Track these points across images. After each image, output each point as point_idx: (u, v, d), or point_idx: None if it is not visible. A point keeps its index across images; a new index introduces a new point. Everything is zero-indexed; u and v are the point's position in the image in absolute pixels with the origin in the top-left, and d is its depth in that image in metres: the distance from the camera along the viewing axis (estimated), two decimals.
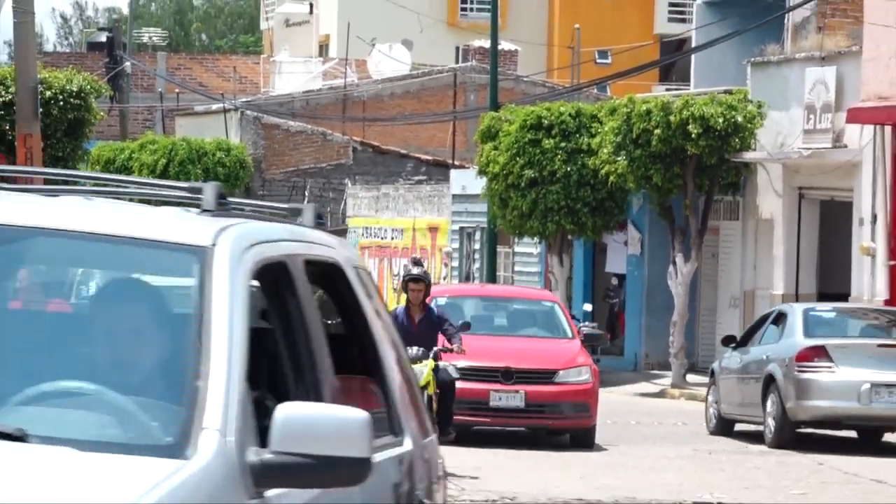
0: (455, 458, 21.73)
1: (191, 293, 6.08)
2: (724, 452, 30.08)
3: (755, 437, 32.71)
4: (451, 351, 20.83)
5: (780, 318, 34.70)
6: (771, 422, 32.16)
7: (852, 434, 34.24)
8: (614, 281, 52.40)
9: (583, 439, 25.25)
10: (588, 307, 41.20)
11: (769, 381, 32.16)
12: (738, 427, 34.08)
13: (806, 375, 31.31)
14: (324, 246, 8.55)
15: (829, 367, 31.83)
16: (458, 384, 24.16)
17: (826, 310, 37.27)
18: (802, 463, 31.53)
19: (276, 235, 7.65)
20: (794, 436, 31.79)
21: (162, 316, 6.50)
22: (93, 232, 6.72)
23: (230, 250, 6.67)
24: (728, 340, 36.46)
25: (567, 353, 26.47)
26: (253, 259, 6.81)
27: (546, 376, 25.49)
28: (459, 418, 24.47)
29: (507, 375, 25.14)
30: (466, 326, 21.40)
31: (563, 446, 25.69)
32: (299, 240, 8.04)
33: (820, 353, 32.76)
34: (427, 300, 21.18)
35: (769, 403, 32.32)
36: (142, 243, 6.64)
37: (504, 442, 24.72)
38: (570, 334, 27.67)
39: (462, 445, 23.64)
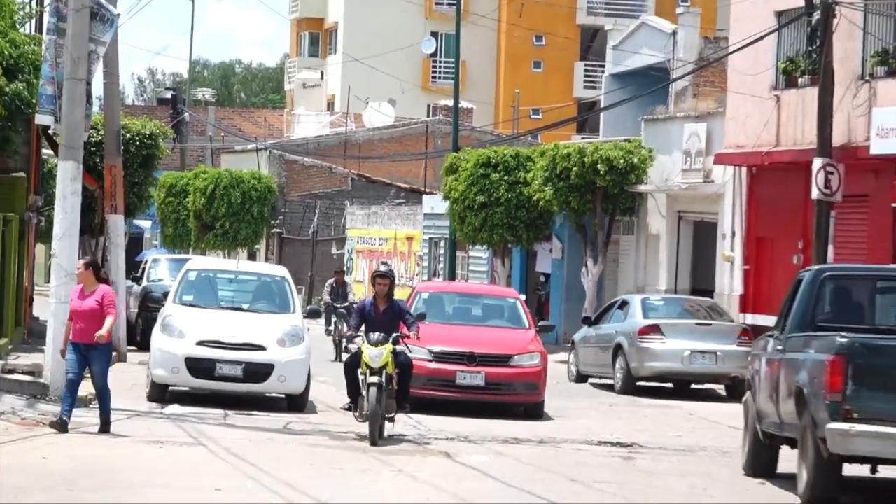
0: (429, 422, 25.34)
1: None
2: (620, 405, 33.36)
3: (606, 388, 38.58)
4: (409, 337, 21.55)
5: (624, 305, 41.10)
6: (619, 376, 38.45)
7: (670, 385, 40.07)
8: (542, 278, 59.75)
9: (533, 412, 27.05)
10: (522, 297, 45.84)
11: (618, 348, 38.24)
12: (592, 381, 40.09)
13: (645, 345, 37.41)
14: None
15: (661, 339, 38.04)
16: (432, 365, 26.53)
17: (657, 299, 43.93)
18: (677, 413, 34.66)
19: None
20: (634, 387, 37.69)
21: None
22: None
23: None
24: (586, 320, 42.69)
25: (522, 341, 27.75)
26: None
27: (503, 360, 26.78)
28: (433, 393, 26.49)
29: (471, 359, 26.45)
30: (422, 317, 22.59)
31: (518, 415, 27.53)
32: None
33: (655, 329, 38.79)
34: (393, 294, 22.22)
35: (617, 364, 38.51)
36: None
37: (469, 412, 26.87)
38: (527, 325, 29.08)
39: (435, 414, 25.94)
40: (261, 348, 28.77)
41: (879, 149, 37.03)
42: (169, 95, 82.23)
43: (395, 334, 20.75)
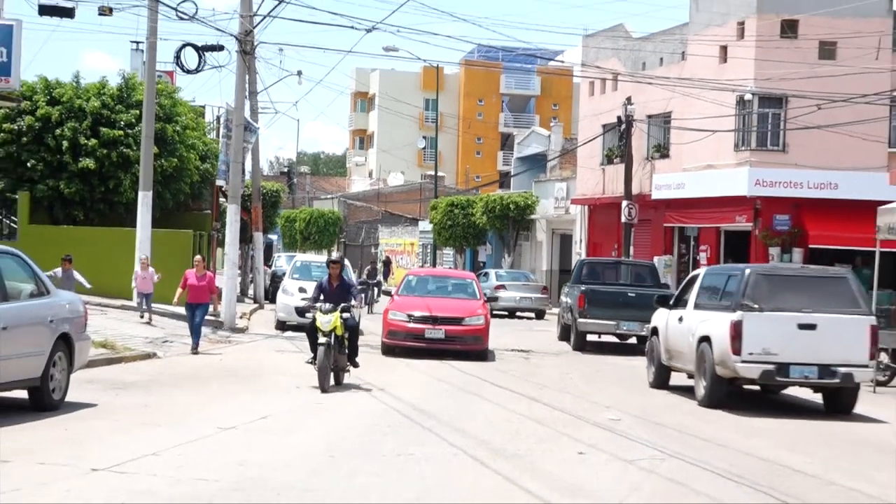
0: (409, 364, 24.13)
1: None
2: (543, 356, 29.15)
3: (498, 317, 39.86)
4: (353, 306, 19.33)
5: (487, 274, 49.01)
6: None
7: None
8: (481, 264, 65.94)
9: (479, 356, 25.93)
10: (476, 278, 40.11)
11: (492, 298, 40.40)
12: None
13: (496, 293, 44.46)
14: None
15: (505, 290, 46.71)
16: (409, 325, 26.06)
17: (504, 272, 52.24)
18: (535, 331, 38.98)
19: None
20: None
21: None
22: None
23: None
24: (496, 290, 47.00)
25: (473, 307, 26.96)
26: None
27: (457, 321, 26.01)
28: (410, 344, 26.02)
29: (434, 320, 25.75)
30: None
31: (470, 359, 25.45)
32: None
33: (502, 287, 47.39)
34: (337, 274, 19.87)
35: (491, 304, 35.91)
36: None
37: (434, 355, 25.17)
38: (478, 297, 28.24)
39: (411, 358, 24.87)
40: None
41: (656, 195, 44.71)
42: (286, 170, 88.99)
43: (343, 304, 19.07)
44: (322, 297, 19.41)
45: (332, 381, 18.96)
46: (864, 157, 38.09)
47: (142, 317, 28.96)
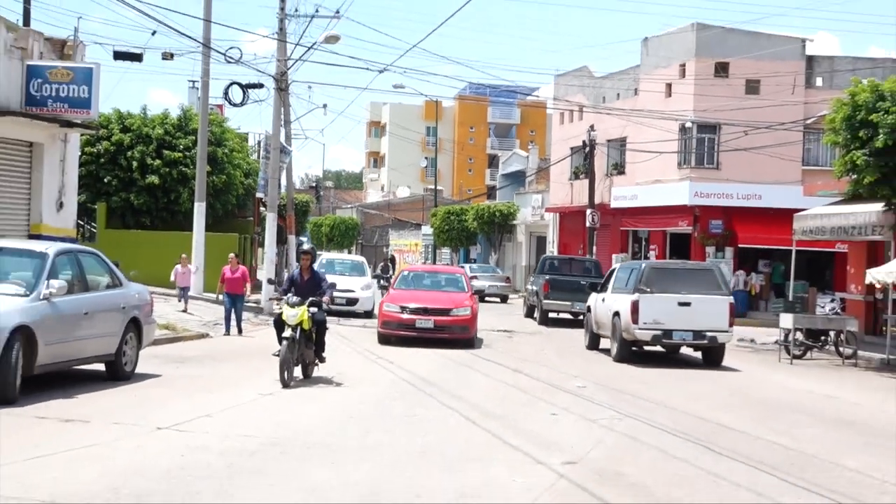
0: (403, 349, 21.92)
1: None
2: (522, 335, 28.86)
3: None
4: (322, 301, 15.70)
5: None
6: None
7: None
8: (473, 261, 64.72)
9: (466, 344, 23.06)
10: (467, 272, 38.06)
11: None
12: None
13: (473, 282, 34.47)
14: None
15: (476, 279, 42.96)
16: (403, 315, 23.41)
17: (477, 266, 53.33)
18: (512, 313, 39.13)
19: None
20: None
21: None
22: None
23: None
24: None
25: (460, 299, 24.09)
26: None
27: (445, 311, 23.24)
28: (400, 333, 23.39)
29: (425, 311, 23.12)
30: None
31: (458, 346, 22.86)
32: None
33: (475, 277, 43.95)
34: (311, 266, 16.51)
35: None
36: None
37: (425, 344, 22.66)
38: (466, 290, 25.34)
39: (404, 346, 22.39)
40: (352, 290, 31.30)
41: (614, 204, 44.82)
42: (314, 184, 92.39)
43: (311, 298, 15.69)
44: (293, 290, 16.10)
45: (300, 376, 15.95)
46: (783, 173, 38.36)
47: (182, 303, 27.88)
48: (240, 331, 24.18)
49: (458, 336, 23.28)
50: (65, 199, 23.24)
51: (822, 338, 24.24)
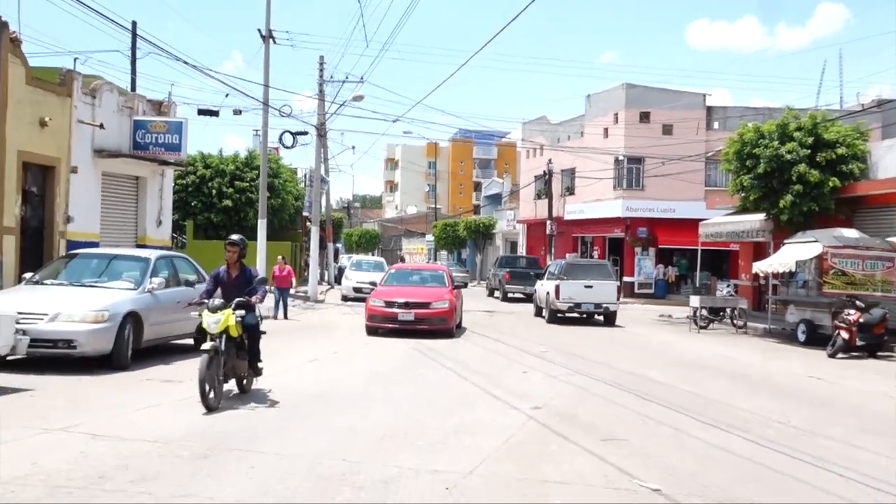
0: (387, 340, 17.47)
1: None
2: (499, 314, 27.59)
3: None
4: (252, 302, 9.88)
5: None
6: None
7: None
8: (464, 261, 65.63)
9: (446, 334, 18.79)
10: (448, 269, 33.44)
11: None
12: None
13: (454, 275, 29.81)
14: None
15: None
16: (386, 309, 19.11)
17: (453, 264, 54.38)
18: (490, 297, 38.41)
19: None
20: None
21: None
22: None
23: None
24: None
25: (440, 293, 19.65)
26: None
27: (425, 305, 18.92)
28: (385, 325, 19.05)
29: (406, 305, 18.82)
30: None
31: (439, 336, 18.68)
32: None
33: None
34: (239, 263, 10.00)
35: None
36: None
37: (410, 335, 18.29)
38: (446, 285, 20.76)
39: (387, 337, 18.17)
40: (375, 283, 25.66)
41: (567, 217, 44.05)
42: (346, 206, 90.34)
43: (237, 299, 9.88)
44: (221, 291, 10.21)
45: (235, 389, 10.38)
46: (691, 192, 38.08)
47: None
48: (286, 316, 23.05)
49: (437, 327, 19.00)
50: (162, 218, 23.21)
51: (721, 313, 24.15)
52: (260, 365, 10.47)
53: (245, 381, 10.38)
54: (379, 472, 6.79)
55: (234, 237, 10.40)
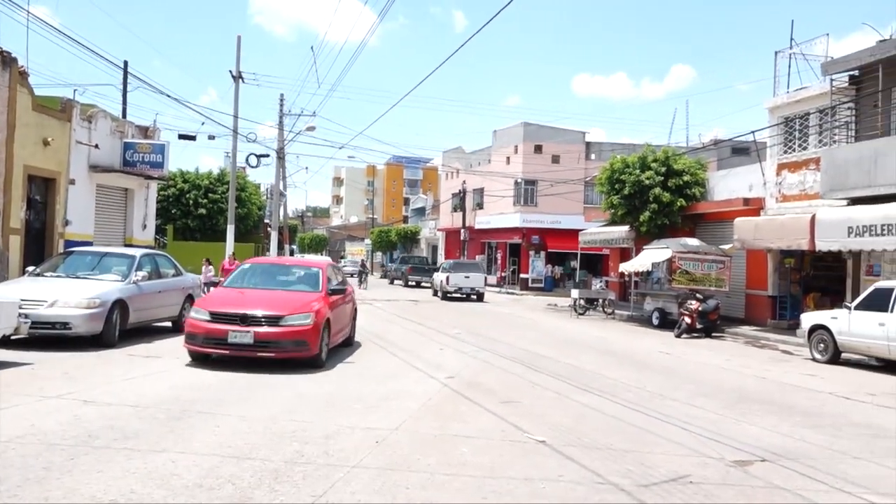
0: (207, 372, 9.82)
1: None
2: (421, 303, 23.60)
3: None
4: None
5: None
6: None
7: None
8: (400, 260, 55.97)
9: (310, 363, 9.96)
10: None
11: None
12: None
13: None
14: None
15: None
16: (209, 325, 9.89)
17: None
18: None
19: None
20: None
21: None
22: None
23: None
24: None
25: (303, 301, 10.32)
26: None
27: (274, 320, 9.68)
28: (209, 350, 9.83)
29: (243, 319, 9.64)
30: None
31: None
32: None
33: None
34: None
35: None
36: None
37: (248, 366, 9.77)
38: (319, 288, 11.00)
39: (206, 368, 9.60)
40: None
41: (478, 227, 43.87)
42: (300, 214, 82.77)
43: None
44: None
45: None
46: (573, 208, 38.15)
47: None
48: None
49: (293, 354, 9.92)
50: (147, 222, 22.40)
51: (595, 303, 24.12)
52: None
53: None
54: (322, 430, 6.68)
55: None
